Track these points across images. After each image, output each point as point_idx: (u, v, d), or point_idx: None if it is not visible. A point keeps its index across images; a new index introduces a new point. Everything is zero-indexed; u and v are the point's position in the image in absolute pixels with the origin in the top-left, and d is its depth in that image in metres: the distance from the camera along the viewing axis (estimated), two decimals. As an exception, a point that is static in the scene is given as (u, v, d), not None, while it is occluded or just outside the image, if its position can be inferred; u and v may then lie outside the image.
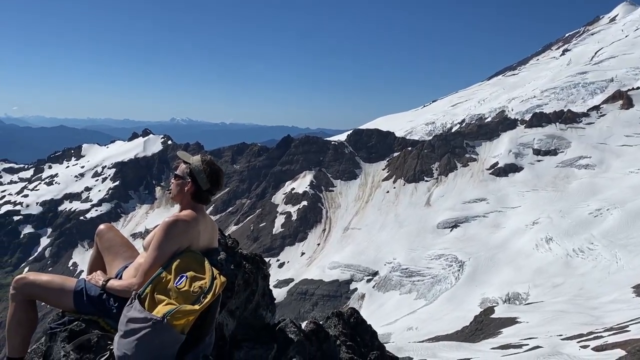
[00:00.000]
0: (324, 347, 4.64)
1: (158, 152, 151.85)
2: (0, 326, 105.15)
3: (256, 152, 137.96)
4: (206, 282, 3.59)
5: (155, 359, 3.35)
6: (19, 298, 3.88)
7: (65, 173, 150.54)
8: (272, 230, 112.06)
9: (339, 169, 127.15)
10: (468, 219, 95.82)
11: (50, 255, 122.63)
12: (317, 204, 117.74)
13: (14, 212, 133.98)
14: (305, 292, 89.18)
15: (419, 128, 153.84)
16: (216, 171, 4.12)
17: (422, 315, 68.21)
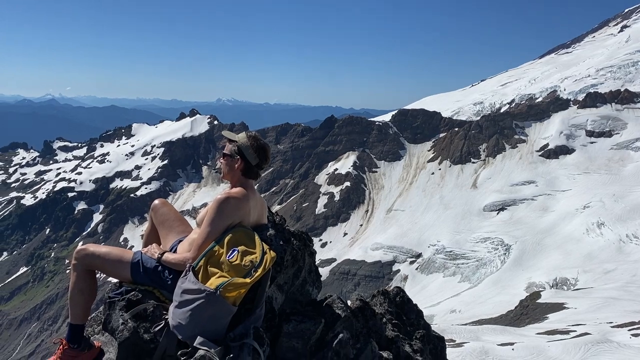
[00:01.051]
0: (370, 324, 4.69)
1: (205, 132, 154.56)
2: (58, 297, 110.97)
3: (300, 132, 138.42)
4: (257, 257, 3.68)
5: (208, 329, 3.47)
6: (80, 268, 4.07)
7: (116, 151, 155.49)
8: (315, 211, 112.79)
9: (382, 150, 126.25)
10: (516, 201, 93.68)
11: (102, 230, 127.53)
12: (360, 185, 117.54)
13: (69, 188, 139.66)
14: (348, 272, 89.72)
15: (467, 108, 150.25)
16: (263, 146, 4.20)
17: (466, 298, 67.61)
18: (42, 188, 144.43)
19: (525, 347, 23.82)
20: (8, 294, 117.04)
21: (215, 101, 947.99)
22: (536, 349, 23.22)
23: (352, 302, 4.80)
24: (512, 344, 25.12)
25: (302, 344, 3.85)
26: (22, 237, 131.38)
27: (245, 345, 3.42)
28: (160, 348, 3.60)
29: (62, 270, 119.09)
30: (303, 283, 4.96)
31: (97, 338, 4.26)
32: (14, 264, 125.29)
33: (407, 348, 4.92)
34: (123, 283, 4.16)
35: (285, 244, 4.40)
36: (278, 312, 4.16)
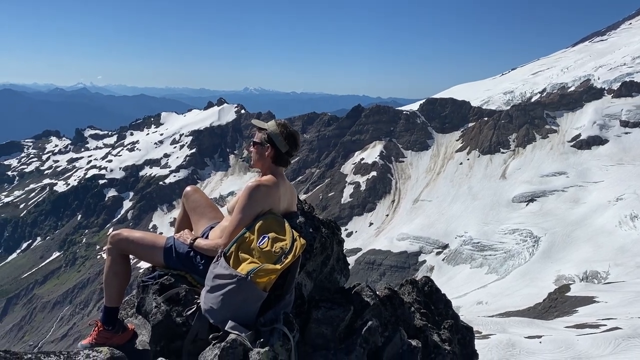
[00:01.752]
0: (398, 313, 4.69)
1: (232, 120, 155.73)
2: (89, 282, 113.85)
3: (326, 122, 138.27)
4: (287, 244, 3.72)
5: (239, 313, 3.52)
6: (114, 252, 4.18)
7: (145, 140, 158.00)
8: (341, 200, 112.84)
9: (410, 140, 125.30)
10: (545, 193, 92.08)
11: (132, 217, 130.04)
12: (387, 175, 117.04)
13: (100, 176, 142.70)
14: (373, 262, 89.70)
15: (497, 97, 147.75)
16: (292, 133, 4.23)
17: (493, 290, 66.98)
18: (74, 175, 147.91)
19: (553, 341, 23.50)
20: (42, 277, 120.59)
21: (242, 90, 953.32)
22: (564, 343, 22.90)
23: (380, 291, 4.81)
24: (540, 337, 24.80)
25: (331, 331, 3.88)
26: (55, 223, 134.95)
27: (276, 330, 3.47)
28: (192, 331, 3.67)
29: (93, 255, 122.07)
30: (331, 271, 4.99)
31: (131, 321, 4.37)
32: (47, 249, 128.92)
33: (436, 337, 4.92)
34: (156, 267, 4.26)
35: (315, 231, 4.44)
36: (307, 298, 4.20)
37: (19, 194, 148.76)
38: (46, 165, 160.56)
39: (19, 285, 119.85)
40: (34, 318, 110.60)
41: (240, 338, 3.36)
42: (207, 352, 3.38)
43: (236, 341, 3.32)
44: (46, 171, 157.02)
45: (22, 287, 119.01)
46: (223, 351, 3.27)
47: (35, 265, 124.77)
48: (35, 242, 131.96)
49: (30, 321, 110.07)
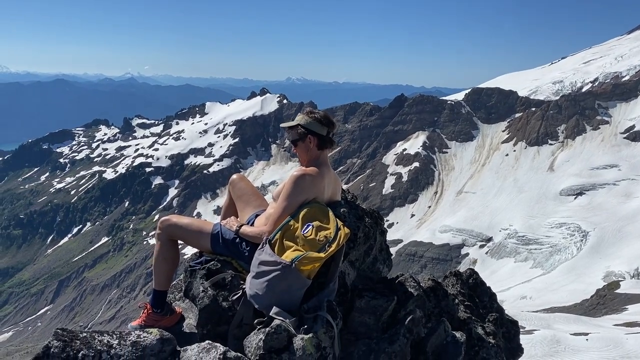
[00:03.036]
0: (442, 305, 4.66)
1: (274, 110, 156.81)
2: (136, 266, 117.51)
3: (368, 112, 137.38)
4: (331, 232, 3.74)
5: (283, 300, 3.58)
6: (163, 237, 4.30)
7: (190, 129, 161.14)
8: (382, 191, 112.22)
9: (454, 130, 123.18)
10: (595, 186, 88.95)
11: (177, 205, 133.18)
12: (430, 166, 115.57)
13: (146, 164, 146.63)
14: (414, 253, 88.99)
15: (545, 87, 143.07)
16: (323, 114, 4.27)
17: (538, 285, 65.42)
18: (122, 163, 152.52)
19: (601, 339, 22.79)
20: (91, 261, 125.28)
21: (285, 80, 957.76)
22: (613, 341, 22.16)
23: (424, 282, 4.78)
24: (587, 334, 24.10)
25: (374, 320, 3.89)
26: (104, 209, 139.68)
27: (319, 317, 3.50)
28: (238, 316, 3.75)
29: (140, 241, 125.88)
30: (374, 261, 4.99)
31: (178, 304, 4.49)
32: (97, 234, 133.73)
33: (480, 330, 4.85)
34: (203, 253, 4.36)
35: (358, 221, 4.44)
36: (350, 287, 4.22)
37: (70, 180, 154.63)
38: (96, 153, 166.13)
39: (70, 268, 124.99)
40: (84, 300, 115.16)
41: (284, 324, 3.41)
42: (252, 337, 3.44)
43: (280, 327, 3.37)
44: (96, 159, 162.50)
45: (72, 270, 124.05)
46: (268, 336, 3.32)
47: (85, 249, 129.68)
48: (85, 227, 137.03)
49: (80, 303, 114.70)
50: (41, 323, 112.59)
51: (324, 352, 3.37)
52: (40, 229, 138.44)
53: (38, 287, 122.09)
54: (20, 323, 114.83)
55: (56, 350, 2.83)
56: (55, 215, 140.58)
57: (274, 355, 3.29)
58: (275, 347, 3.33)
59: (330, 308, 3.58)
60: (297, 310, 3.59)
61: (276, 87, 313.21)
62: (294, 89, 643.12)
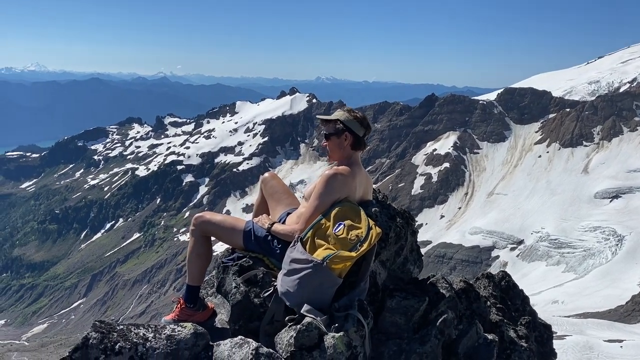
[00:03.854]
0: (473, 307, 4.61)
1: (303, 110, 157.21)
2: (166, 262, 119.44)
3: (398, 111, 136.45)
4: (362, 232, 3.74)
5: (315, 298, 3.60)
6: (197, 233, 4.37)
7: (221, 128, 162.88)
8: (411, 191, 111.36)
9: (486, 130, 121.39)
10: (632, 189, 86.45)
11: (207, 202, 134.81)
12: (460, 167, 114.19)
13: (178, 162, 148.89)
14: (444, 255, 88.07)
15: (580, 87, 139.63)
16: (363, 116, 4.31)
17: (570, 289, 64.01)
18: (154, 161, 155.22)
19: (636, 346, 22.17)
20: (123, 257, 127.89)
21: (314, 79, 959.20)
22: (649, 349, 21.54)
23: (455, 283, 4.74)
24: (621, 341, 23.48)
25: (405, 320, 3.88)
26: (136, 206, 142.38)
27: (350, 316, 3.51)
28: (269, 312, 3.79)
29: (171, 237, 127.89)
30: (404, 261, 4.96)
31: (211, 300, 4.55)
32: (129, 229, 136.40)
33: (512, 333, 4.79)
34: (235, 249, 4.42)
35: (390, 220, 4.43)
36: (381, 287, 4.21)
37: (104, 177, 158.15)
38: (129, 150, 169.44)
39: (102, 263, 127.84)
40: (116, 294, 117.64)
41: (315, 322, 3.43)
42: (283, 334, 3.48)
43: (312, 324, 3.39)
44: (129, 156, 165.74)
45: (105, 265, 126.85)
46: (299, 333, 3.35)
47: (117, 245, 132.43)
48: (118, 223, 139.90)
49: (112, 297, 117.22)
50: (74, 316, 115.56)
51: (355, 350, 3.38)
52: (74, 224, 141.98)
53: (72, 281, 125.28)
54: (54, 315, 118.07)
55: (94, 342, 2.91)
56: (89, 211, 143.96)
57: (305, 353, 3.31)
58: (306, 345, 3.36)
59: (362, 307, 3.59)
60: (328, 308, 3.61)
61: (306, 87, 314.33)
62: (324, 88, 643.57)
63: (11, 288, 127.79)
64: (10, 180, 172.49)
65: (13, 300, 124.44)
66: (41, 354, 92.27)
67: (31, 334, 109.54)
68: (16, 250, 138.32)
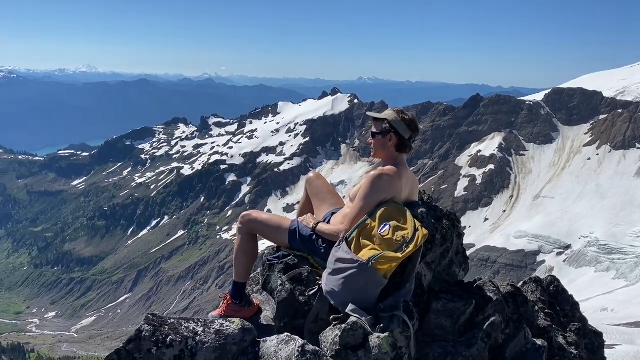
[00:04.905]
0: (521, 311, 4.51)
1: (345, 110, 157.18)
2: (209, 260, 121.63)
3: (441, 112, 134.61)
4: (408, 233, 3.73)
5: (359, 298, 3.61)
6: (243, 231, 4.45)
7: (263, 128, 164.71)
8: (454, 193, 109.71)
9: (532, 132, 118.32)
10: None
11: (249, 201, 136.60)
12: (505, 169, 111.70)
13: (221, 161, 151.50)
14: (487, 259, 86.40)
15: (634, 88, 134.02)
16: (412, 118, 4.29)
17: (620, 297, 61.61)
18: (199, 160, 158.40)
19: (693, 358, 21.17)
20: (168, 253, 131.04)
21: (356, 80, 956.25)
22: None
23: (502, 287, 4.65)
24: (677, 352, 22.46)
25: (451, 323, 3.84)
26: (181, 204, 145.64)
27: (395, 317, 3.50)
28: (314, 311, 3.82)
29: (213, 235, 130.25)
30: (450, 264, 4.91)
31: (256, 297, 4.62)
32: (173, 227, 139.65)
33: (561, 339, 4.67)
34: (280, 248, 4.48)
35: (437, 222, 4.39)
36: (427, 289, 4.18)
37: (150, 175, 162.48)
38: (174, 150, 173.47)
39: (148, 259, 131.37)
40: (160, 290, 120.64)
41: (360, 321, 3.44)
42: (328, 332, 3.50)
43: (357, 324, 3.41)
44: (174, 155, 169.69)
45: (150, 261, 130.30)
46: (344, 332, 3.36)
47: (162, 241, 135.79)
48: (163, 221, 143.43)
49: (157, 293, 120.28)
50: (120, 310, 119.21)
51: (400, 352, 3.37)
52: (122, 221, 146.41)
53: (119, 276, 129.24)
54: (102, 309, 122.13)
55: (147, 334, 3.01)
56: (135, 209, 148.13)
57: (350, 352, 3.33)
58: (351, 344, 3.37)
59: (407, 308, 3.57)
60: (373, 308, 3.61)
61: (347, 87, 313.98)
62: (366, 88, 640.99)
63: (62, 281, 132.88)
64: (62, 177, 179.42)
65: (64, 294, 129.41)
66: (89, 346, 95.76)
67: (80, 326, 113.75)
68: (67, 245, 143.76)
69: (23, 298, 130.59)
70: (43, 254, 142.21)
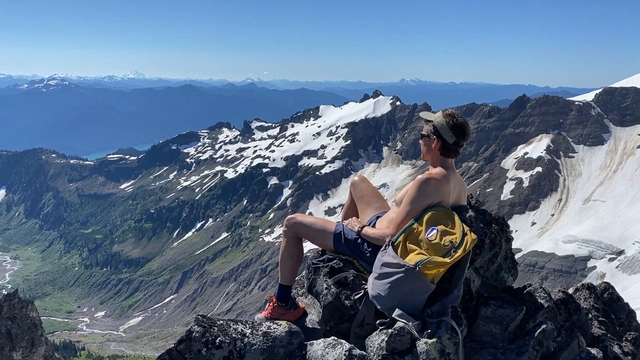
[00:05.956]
0: (573, 319, 4.37)
1: (387, 112, 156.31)
2: (252, 262, 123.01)
3: (486, 113, 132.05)
4: (457, 237, 3.67)
5: (406, 302, 3.57)
6: (289, 234, 4.48)
7: (304, 132, 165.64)
8: (500, 197, 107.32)
9: (582, 133, 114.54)
10: None
11: (290, 204, 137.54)
12: (554, 171, 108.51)
13: (263, 165, 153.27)
14: (534, 264, 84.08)
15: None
16: (460, 123, 4.13)
17: (678, 306, 58.72)
18: (242, 163, 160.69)
19: None
20: (212, 255, 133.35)
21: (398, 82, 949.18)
22: None
23: (554, 294, 4.52)
24: None
25: (501, 329, 3.76)
26: (224, 207, 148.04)
27: (443, 322, 3.45)
28: (360, 315, 3.81)
29: (256, 238, 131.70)
30: (498, 269, 4.80)
31: (301, 300, 4.64)
32: (217, 229, 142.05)
33: (616, 349, 4.49)
34: (325, 251, 4.48)
35: (486, 227, 4.30)
36: (475, 295, 4.10)
37: (195, 179, 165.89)
38: (218, 153, 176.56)
39: (193, 260, 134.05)
40: (204, 291, 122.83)
41: (407, 326, 3.41)
42: (374, 337, 3.48)
43: (404, 329, 3.38)
44: (218, 159, 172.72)
45: (195, 263, 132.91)
46: (391, 337, 3.34)
47: (206, 243, 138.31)
48: (207, 223, 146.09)
49: (201, 294, 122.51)
50: (166, 311, 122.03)
51: (448, 358, 3.33)
52: (167, 223, 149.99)
53: (164, 277, 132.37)
54: (148, 309, 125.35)
55: (197, 335, 3.08)
56: (181, 211, 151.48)
57: (397, 357, 3.31)
58: (398, 349, 3.34)
59: (455, 314, 3.52)
60: (420, 314, 3.57)
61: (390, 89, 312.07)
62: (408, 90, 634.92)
63: (110, 282, 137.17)
64: (110, 181, 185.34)
65: (112, 294, 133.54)
66: (136, 345, 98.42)
67: (127, 326, 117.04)
68: (115, 246, 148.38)
69: (74, 297, 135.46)
70: (93, 255, 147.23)
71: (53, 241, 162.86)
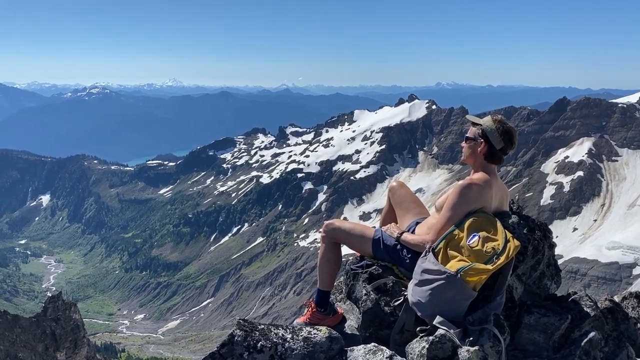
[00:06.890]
0: (621, 328, 4.23)
1: (422, 117, 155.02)
2: (287, 266, 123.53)
3: (525, 116, 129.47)
4: (499, 244, 3.61)
5: (447, 310, 3.53)
6: (327, 240, 4.49)
7: (339, 136, 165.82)
8: (540, 202, 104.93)
9: (626, 136, 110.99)
10: None
11: (325, 209, 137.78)
12: (596, 175, 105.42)
13: (298, 170, 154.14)
14: (576, 271, 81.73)
15: None
16: (509, 129, 4.10)
17: None
18: (277, 169, 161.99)
19: None
20: (248, 259, 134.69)
21: (434, 85, 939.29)
22: None
23: (600, 302, 4.38)
24: None
25: (545, 338, 3.67)
26: (260, 211, 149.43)
27: (485, 330, 3.40)
28: (400, 322, 3.78)
29: (291, 242, 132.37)
30: (541, 276, 4.70)
31: (340, 305, 4.64)
32: (253, 234, 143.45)
33: (667, 361, 4.31)
34: (364, 257, 4.47)
35: (529, 233, 4.22)
36: (518, 302, 4.02)
37: (231, 184, 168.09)
38: (254, 159, 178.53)
39: (229, 265, 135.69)
40: (240, 295, 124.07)
41: (449, 334, 3.37)
42: (415, 344, 3.45)
43: (445, 337, 3.34)
44: (254, 164, 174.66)
45: (231, 267, 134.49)
46: (432, 345, 3.31)
47: (242, 248, 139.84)
48: (243, 228, 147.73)
49: (237, 298, 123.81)
50: (203, 314, 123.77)
51: (491, 366, 3.26)
52: (205, 228, 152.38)
53: (202, 281, 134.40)
54: (186, 313, 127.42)
55: (239, 339, 3.12)
56: (218, 216, 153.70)
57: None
58: (439, 357, 3.31)
59: (498, 322, 3.46)
60: (462, 321, 3.52)
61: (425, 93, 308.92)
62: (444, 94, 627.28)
63: (149, 285, 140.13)
64: (150, 186, 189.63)
65: (151, 297, 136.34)
66: (174, 348, 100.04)
67: (166, 329, 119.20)
68: (154, 250, 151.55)
69: (115, 300, 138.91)
70: (133, 259, 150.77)
71: (95, 245, 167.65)
